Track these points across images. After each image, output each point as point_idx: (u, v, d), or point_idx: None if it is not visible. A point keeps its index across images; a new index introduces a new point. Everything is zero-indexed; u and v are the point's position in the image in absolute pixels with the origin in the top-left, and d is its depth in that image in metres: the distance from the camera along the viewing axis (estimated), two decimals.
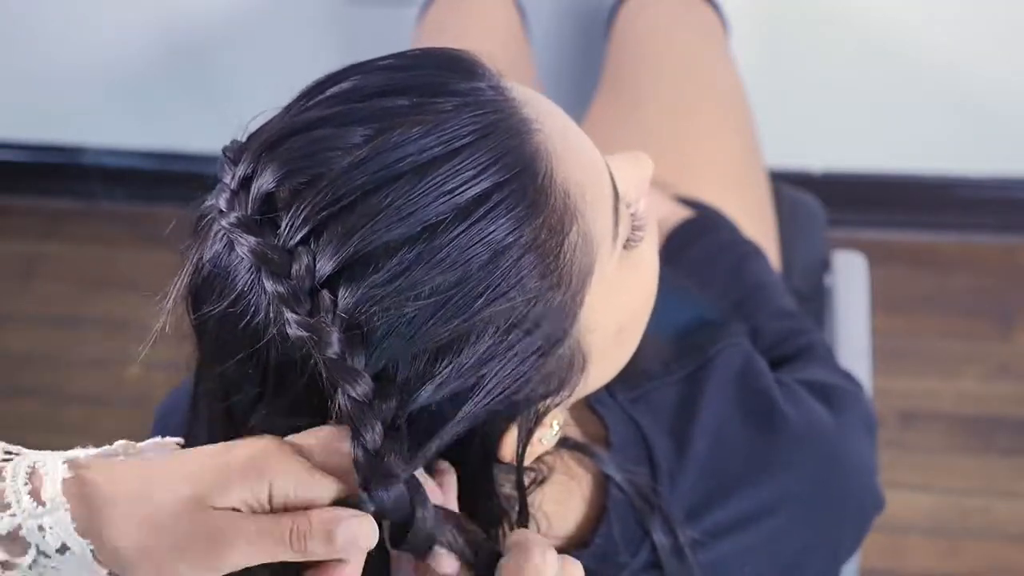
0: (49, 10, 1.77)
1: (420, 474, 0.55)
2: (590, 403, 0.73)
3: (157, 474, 0.52)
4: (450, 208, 0.52)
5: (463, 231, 0.52)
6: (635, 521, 0.69)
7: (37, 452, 0.53)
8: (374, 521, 0.52)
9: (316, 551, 0.51)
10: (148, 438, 0.83)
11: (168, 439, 0.60)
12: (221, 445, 0.54)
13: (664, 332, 0.80)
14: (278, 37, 1.72)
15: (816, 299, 1.22)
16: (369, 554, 0.53)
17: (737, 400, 0.76)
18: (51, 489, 0.50)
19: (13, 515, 0.50)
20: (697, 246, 1.01)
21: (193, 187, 0.58)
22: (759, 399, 0.76)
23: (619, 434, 0.72)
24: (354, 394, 0.52)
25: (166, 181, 1.86)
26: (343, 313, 0.52)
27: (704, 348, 0.78)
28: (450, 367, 0.53)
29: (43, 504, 0.50)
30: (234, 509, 0.51)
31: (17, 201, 2.03)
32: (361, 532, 0.51)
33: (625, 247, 0.61)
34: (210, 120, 1.75)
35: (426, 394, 0.53)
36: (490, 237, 0.53)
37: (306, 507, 0.52)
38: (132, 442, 0.55)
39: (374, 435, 0.52)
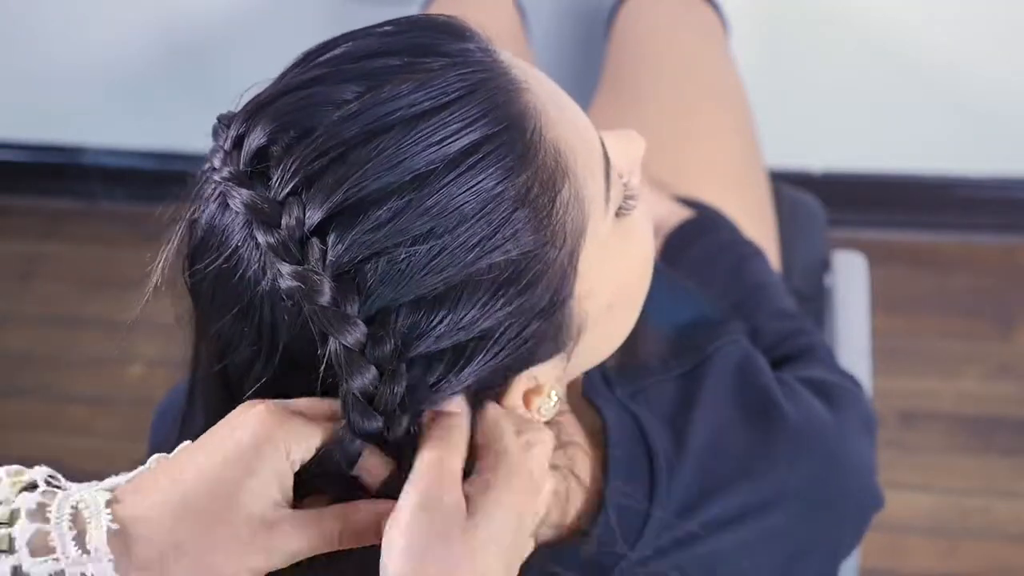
0: (49, 10, 1.77)
1: None
2: (588, 396, 0.73)
3: (174, 487, 0.53)
4: (439, 157, 0.53)
5: (452, 180, 0.53)
6: (633, 512, 0.69)
7: (78, 487, 0.54)
8: None
9: (365, 543, 0.54)
10: (148, 438, 0.83)
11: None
12: (218, 427, 0.54)
13: (663, 330, 0.80)
14: (278, 37, 1.72)
15: (816, 299, 1.22)
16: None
17: (736, 396, 0.76)
18: (96, 537, 0.51)
19: (57, 560, 0.50)
20: (697, 246, 1.01)
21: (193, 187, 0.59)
22: (758, 396, 0.77)
23: (617, 427, 0.72)
24: (346, 342, 0.52)
25: (166, 181, 1.84)
26: (333, 260, 0.52)
27: (703, 346, 0.79)
28: (447, 319, 0.53)
29: (87, 552, 0.50)
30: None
31: (17, 201, 2.03)
32: None
33: (617, 215, 0.61)
34: (210, 120, 1.73)
35: (423, 347, 0.54)
36: (479, 186, 0.53)
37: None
38: (165, 454, 0.56)
39: (364, 380, 0.53)
